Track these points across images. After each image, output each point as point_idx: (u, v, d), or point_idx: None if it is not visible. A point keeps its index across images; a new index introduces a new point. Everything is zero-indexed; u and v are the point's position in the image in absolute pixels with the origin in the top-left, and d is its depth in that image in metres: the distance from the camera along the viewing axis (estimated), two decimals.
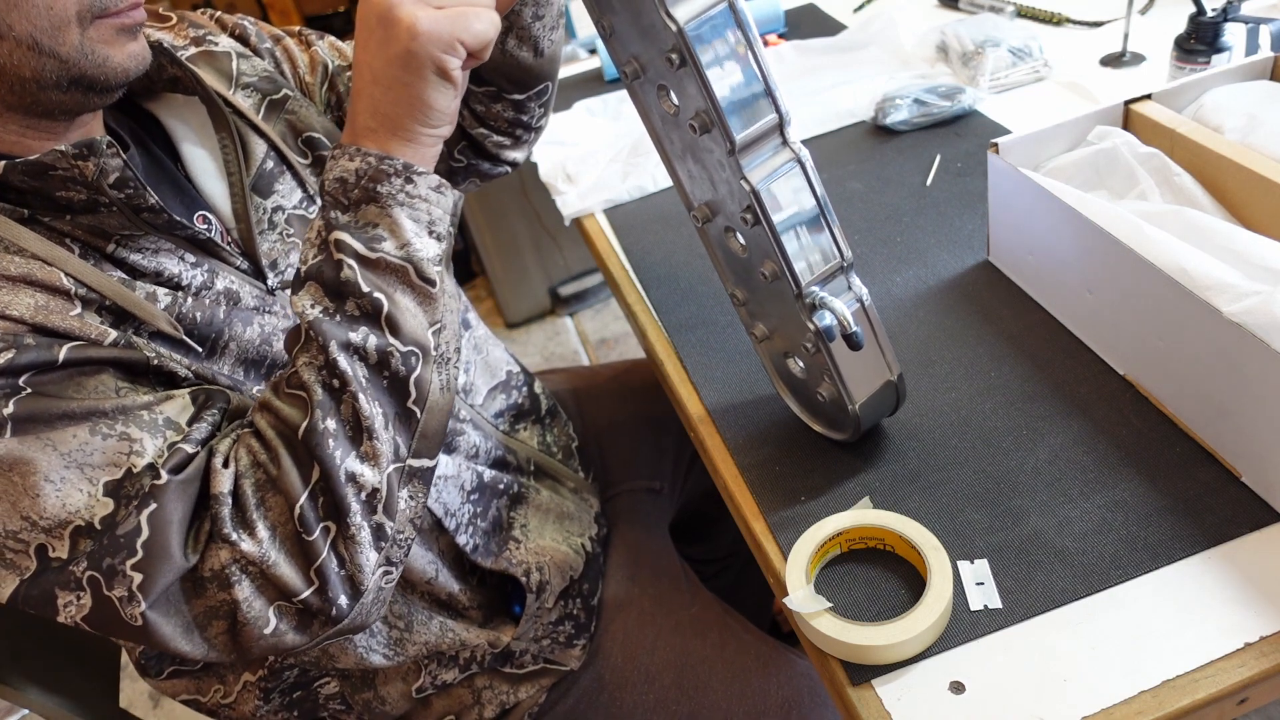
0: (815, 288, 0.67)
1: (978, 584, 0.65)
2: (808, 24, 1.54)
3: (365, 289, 0.57)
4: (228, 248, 0.70)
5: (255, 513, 0.57)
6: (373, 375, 0.58)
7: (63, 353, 0.56)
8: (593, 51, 1.67)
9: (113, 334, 0.59)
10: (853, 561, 0.68)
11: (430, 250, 0.59)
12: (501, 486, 0.87)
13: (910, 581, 0.66)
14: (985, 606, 0.63)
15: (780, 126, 0.63)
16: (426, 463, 0.61)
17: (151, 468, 0.56)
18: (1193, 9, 1.02)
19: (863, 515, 0.68)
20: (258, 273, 0.72)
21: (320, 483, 0.57)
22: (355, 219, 0.57)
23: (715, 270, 0.76)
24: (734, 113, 0.61)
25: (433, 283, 0.59)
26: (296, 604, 0.58)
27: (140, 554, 0.54)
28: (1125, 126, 0.87)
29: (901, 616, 0.61)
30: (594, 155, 1.24)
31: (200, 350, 0.65)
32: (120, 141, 0.70)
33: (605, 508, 0.99)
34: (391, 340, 0.58)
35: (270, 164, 0.76)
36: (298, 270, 0.59)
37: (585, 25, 2.01)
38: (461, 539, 0.82)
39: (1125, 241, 0.70)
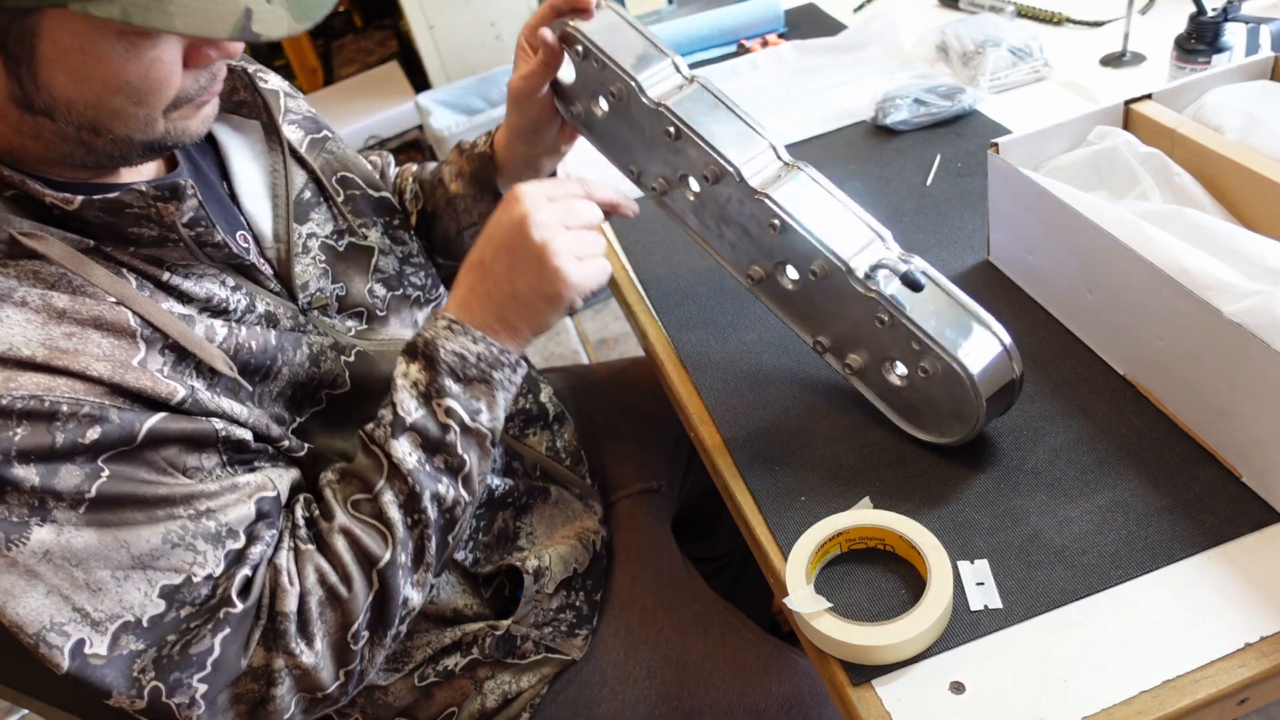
0: (858, 261, 0.71)
1: (978, 584, 0.65)
2: (808, 24, 1.54)
3: (460, 451, 0.68)
4: (264, 270, 0.73)
5: (315, 625, 0.64)
6: (441, 519, 0.68)
7: (143, 431, 0.59)
8: None
9: (180, 391, 0.61)
10: (853, 561, 0.68)
11: (503, 420, 0.71)
12: (510, 499, 0.87)
13: (910, 581, 0.66)
14: (985, 606, 0.63)
15: (774, 149, 0.74)
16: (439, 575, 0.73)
17: (210, 580, 0.61)
18: (1193, 9, 1.02)
19: (863, 515, 0.68)
20: (289, 294, 0.75)
21: (376, 603, 0.65)
22: (465, 391, 0.68)
23: (795, 334, 0.80)
24: (729, 147, 0.74)
25: (495, 445, 0.71)
26: (318, 696, 0.65)
27: (208, 669, 0.60)
28: (1125, 126, 0.87)
29: (901, 617, 0.61)
30: (594, 155, 1.24)
31: (250, 388, 0.67)
32: (171, 156, 0.72)
33: (608, 513, 0.99)
34: (462, 493, 0.69)
35: (308, 194, 0.80)
36: (397, 414, 0.67)
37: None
38: (460, 554, 0.83)
39: (1125, 241, 0.70)
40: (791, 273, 0.76)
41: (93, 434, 0.57)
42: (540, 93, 0.84)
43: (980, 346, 0.69)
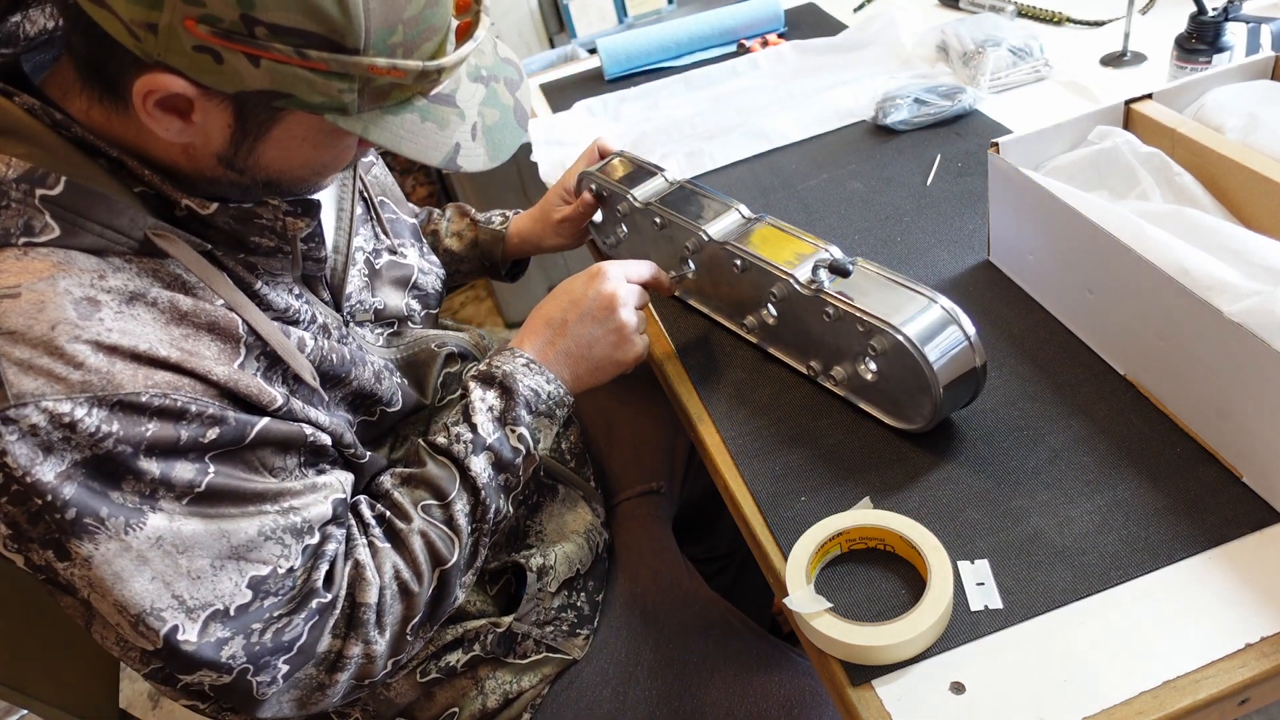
0: (801, 270, 0.79)
1: (978, 584, 0.65)
2: (808, 23, 1.54)
3: (520, 473, 0.76)
4: (319, 278, 0.75)
5: (388, 616, 0.69)
6: (492, 529, 0.74)
7: (252, 434, 0.62)
8: (592, 51, 1.67)
9: (279, 399, 0.64)
10: (853, 561, 0.68)
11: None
12: (521, 497, 0.88)
13: (910, 582, 0.66)
14: (985, 607, 0.63)
15: (739, 212, 0.88)
16: None
17: (292, 574, 0.64)
18: (1193, 8, 1.02)
19: (863, 515, 0.68)
20: (335, 304, 0.77)
21: (433, 599, 0.71)
22: (534, 421, 0.77)
23: (798, 374, 0.86)
24: (701, 220, 0.88)
25: (532, 466, 0.78)
26: (364, 684, 0.69)
27: (294, 652, 0.64)
28: (1126, 126, 0.87)
29: (901, 617, 0.61)
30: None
31: (325, 396, 0.71)
32: None
33: (609, 515, 1.00)
34: (509, 508, 0.76)
35: (360, 209, 0.84)
36: (478, 434, 0.74)
37: (585, 25, 2.01)
38: None
39: (1125, 241, 0.70)
40: (771, 309, 0.84)
41: (212, 434, 0.60)
42: (580, 228, 1.04)
43: (913, 309, 0.72)
